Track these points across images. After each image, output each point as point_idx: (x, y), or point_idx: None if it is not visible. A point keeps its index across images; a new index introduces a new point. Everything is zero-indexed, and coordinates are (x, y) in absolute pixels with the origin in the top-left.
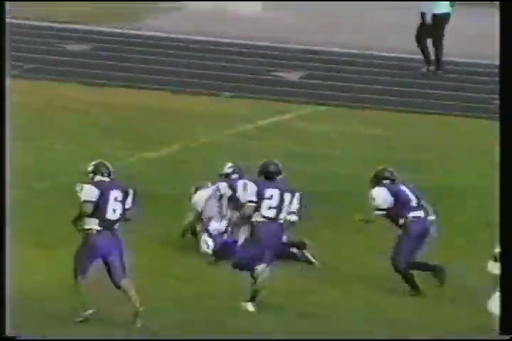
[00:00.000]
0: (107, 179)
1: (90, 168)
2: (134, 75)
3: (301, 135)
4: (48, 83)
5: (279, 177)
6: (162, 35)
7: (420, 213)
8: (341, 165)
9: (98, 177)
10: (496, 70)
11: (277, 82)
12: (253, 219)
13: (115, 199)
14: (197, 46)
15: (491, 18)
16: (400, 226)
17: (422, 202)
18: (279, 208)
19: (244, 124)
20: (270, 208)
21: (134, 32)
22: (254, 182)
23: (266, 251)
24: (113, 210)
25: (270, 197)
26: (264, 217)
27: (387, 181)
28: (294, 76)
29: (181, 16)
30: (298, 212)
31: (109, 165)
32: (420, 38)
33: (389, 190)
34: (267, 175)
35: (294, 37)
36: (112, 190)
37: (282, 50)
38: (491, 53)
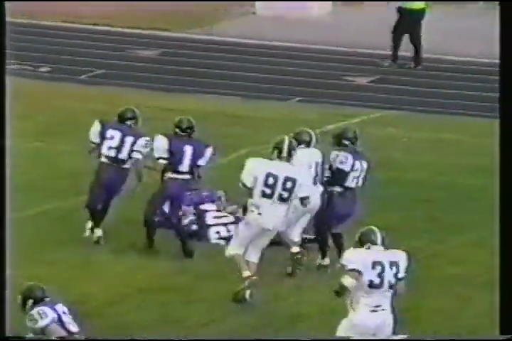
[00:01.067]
0: None
1: None
2: (203, 80)
3: (370, 139)
4: (116, 88)
5: (130, 122)
6: (231, 40)
7: (182, 176)
8: (409, 170)
9: None
10: None
11: (346, 87)
12: (100, 160)
13: None
14: (266, 51)
15: None
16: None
17: (197, 171)
18: (118, 149)
19: (312, 129)
20: (110, 148)
21: (203, 37)
22: (100, 122)
23: (107, 194)
24: None
25: (111, 138)
26: (105, 156)
27: (180, 131)
28: (363, 80)
29: (251, 21)
30: (142, 152)
31: None
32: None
33: (170, 141)
34: (119, 119)
35: (364, 41)
36: None
37: (352, 54)
38: None
